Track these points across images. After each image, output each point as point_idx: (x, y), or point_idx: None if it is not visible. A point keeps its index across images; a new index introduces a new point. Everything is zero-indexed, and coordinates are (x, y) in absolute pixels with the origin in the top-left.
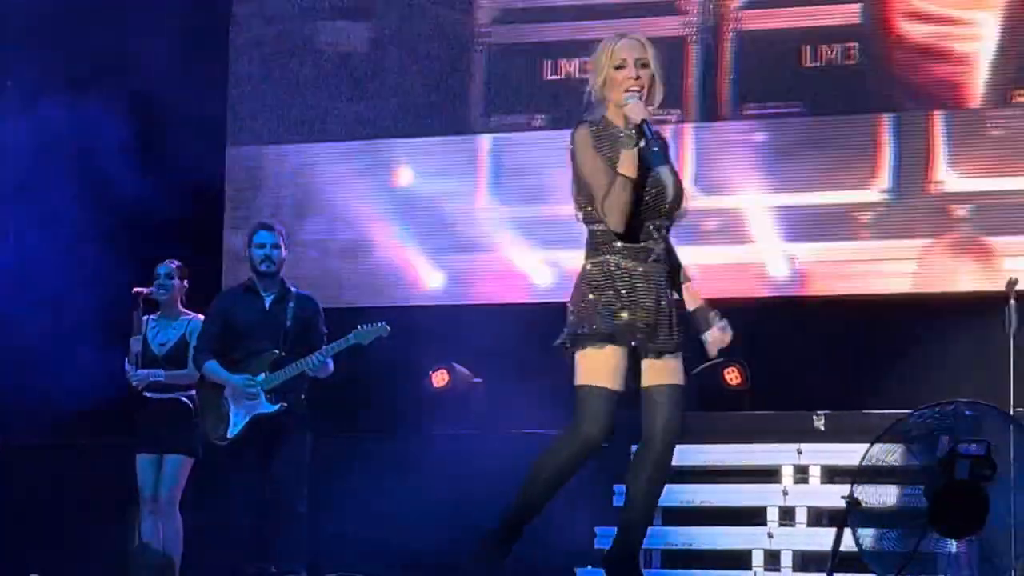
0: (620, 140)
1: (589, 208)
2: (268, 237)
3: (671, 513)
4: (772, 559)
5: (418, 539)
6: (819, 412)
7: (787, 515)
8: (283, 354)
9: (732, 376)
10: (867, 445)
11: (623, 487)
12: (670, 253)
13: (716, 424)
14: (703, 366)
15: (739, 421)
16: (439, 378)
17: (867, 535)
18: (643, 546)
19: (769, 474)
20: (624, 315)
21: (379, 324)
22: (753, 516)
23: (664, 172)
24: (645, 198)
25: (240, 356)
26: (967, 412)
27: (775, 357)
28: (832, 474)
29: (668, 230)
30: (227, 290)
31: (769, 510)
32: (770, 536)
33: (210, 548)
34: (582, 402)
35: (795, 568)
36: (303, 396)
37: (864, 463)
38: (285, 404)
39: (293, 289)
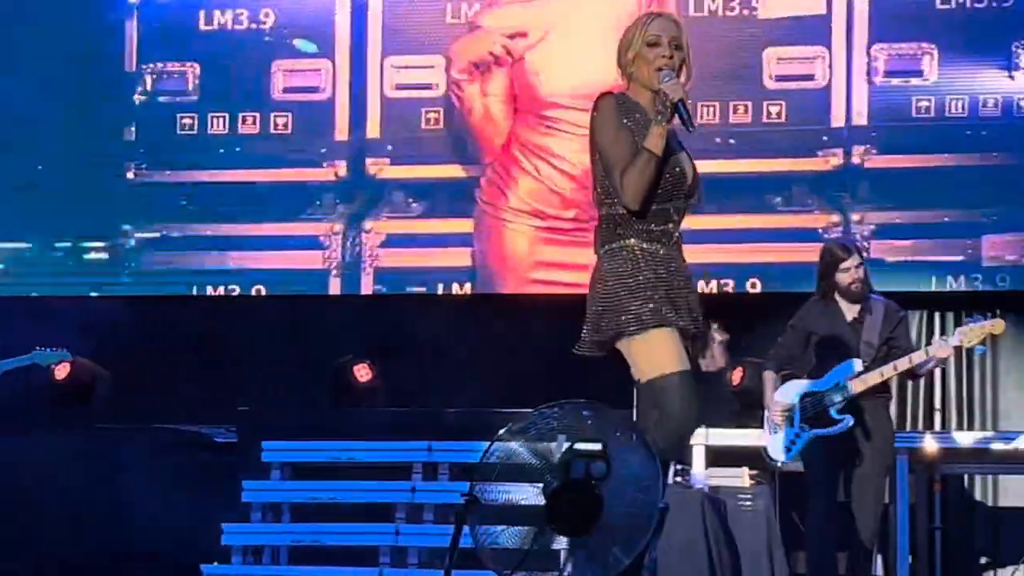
0: (648, 118)
1: (609, 187)
2: None
3: (298, 509)
4: (399, 555)
5: (42, 536)
6: (451, 409)
7: (415, 512)
8: None
9: (362, 373)
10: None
11: (252, 483)
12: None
13: (346, 420)
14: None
15: (370, 418)
16: (61, 370)
17: (485, 533)
18: (269, 543)
19: (399, 471)
20: (655, 296)
21: (62, 350)
22: (382, 512)
23: (681, 155)
24: (667, 178)
25: None
26: (585, 412)
27: (407, 354)
28: (461, 471)
29: (685, 214)
30: None
31: (398, 507)
32: (397, 533)
33: None
34: (658, 396)
35: (421, 564)
36: None
37: (484, 460)
38: None
39: None
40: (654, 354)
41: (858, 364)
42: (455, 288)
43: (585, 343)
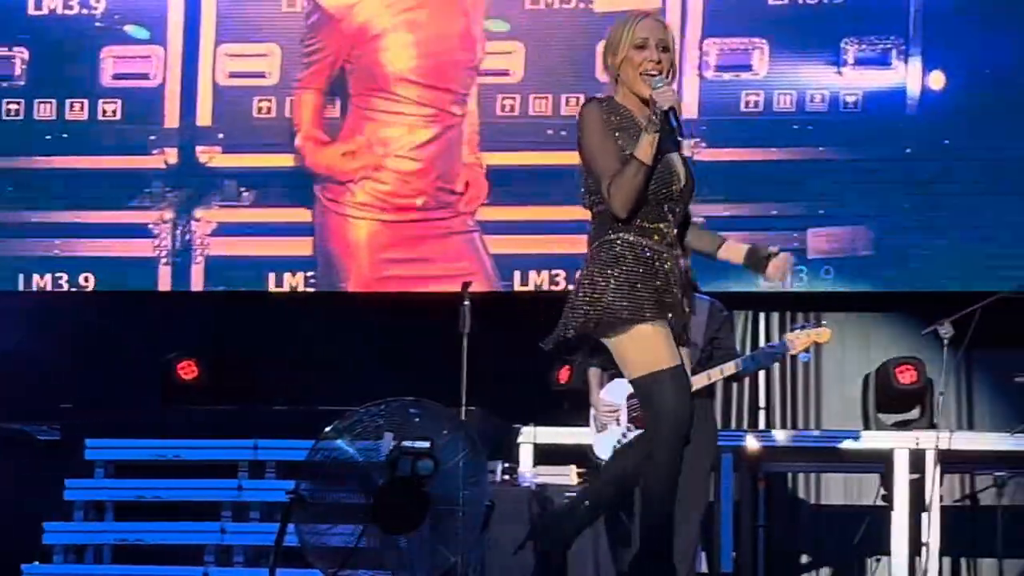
0: (634, 123)
1: (597, 188)
2: None
3: (122, 508)
4: (224, 554)
5: None
6: (278, 407)
7: (241, 510)
8: None
9: (187, 370)
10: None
11: (75, 481)
12: (686, 229)
13: (171, 418)
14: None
15: (195, 415)
16: None
17: (311, 531)
18: (92, 542)
19: (225, 469)
20: (640, 291)
21: None
22: (207, 511)
23: (674, 156)
24: (657, 182)
25: None
26: (412, 410)
27: (233, 351)
28: (288, 469)
29: (680, 215)
30: None
31: (223, 505)
32: (223, 532)
33: None
34: (649, 393)
35: (247, 563)
36: None
37: (310, 458)
38: None
39: None
40: (642, 351)
41: None
42: (287, 278)
43: (555, 339)
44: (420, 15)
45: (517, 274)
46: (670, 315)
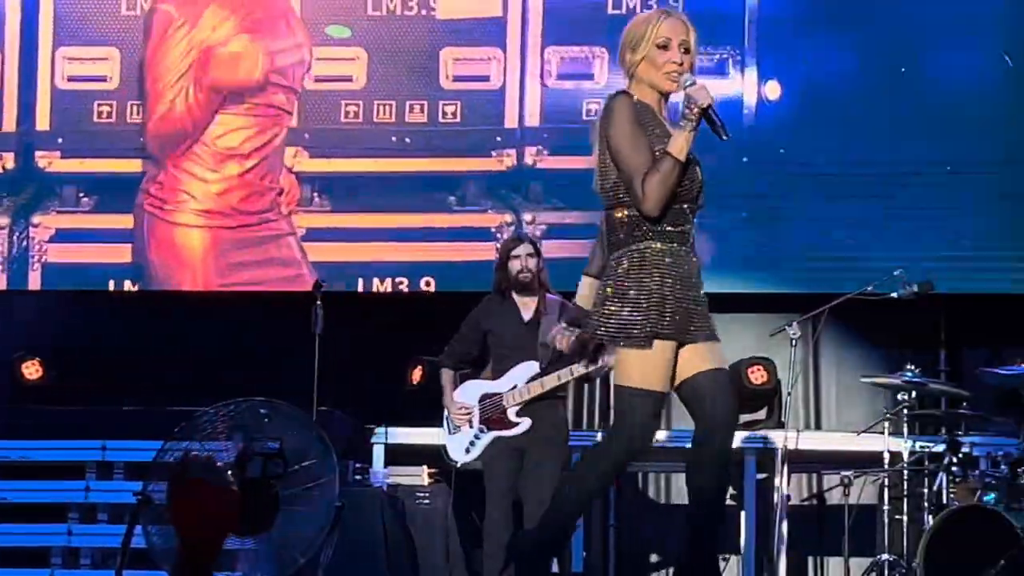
0: (657, 120)
1: (625, 189)
2: None
3: None
4: (71, 557)
5: None
6: (127, 407)
7: (89, 512)
8: None
9: (31, 370)
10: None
11: None
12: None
13: (17, 418)
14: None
15: (42, 416)
16: None
17: (158, 533)
18: None
19: (72, 470)
20: (666, 307)
21: None
22: (53, 513)
23: (694, 157)
24: (685, 182)
25: None
26: (263, 410)
27: (79, 350)
28: (136, 470)
29: (695, 216)
30: None
31: (70, 507)
32: (70, 533)
33: None
34: (629, 406)
35: (95, 566)
36: None
37: (158, 459)
38: None
39: None
40: (642, 366)
41: (535, 367)
42: (127, 285)
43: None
44: (253, 19)
45: (361, 281)
46: (690, 327)
